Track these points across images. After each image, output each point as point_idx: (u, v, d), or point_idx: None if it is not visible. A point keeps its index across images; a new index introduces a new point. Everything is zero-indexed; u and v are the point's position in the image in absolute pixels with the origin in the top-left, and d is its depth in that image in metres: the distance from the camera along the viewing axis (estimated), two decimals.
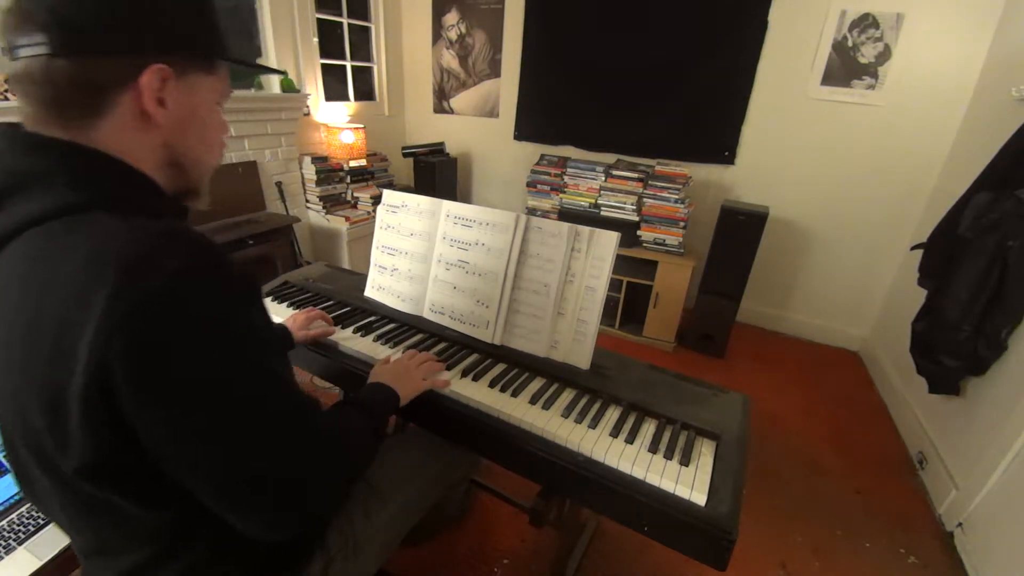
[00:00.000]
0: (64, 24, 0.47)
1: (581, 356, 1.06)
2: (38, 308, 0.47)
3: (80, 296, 0.45)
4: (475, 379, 1.01)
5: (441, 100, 3.67)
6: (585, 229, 1.04)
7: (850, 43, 2.40)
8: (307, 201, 3.09)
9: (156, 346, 0.45)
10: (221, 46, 0.59)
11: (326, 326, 1.14)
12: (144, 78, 0.51)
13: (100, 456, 0.48)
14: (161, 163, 0.57)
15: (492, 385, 0.99)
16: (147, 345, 0.45)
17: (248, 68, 0.74)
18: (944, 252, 1.77)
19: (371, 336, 1.14)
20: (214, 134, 0.63)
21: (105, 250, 0.46)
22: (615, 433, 0.89)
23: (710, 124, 2.81)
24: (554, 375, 1.04)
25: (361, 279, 1.36)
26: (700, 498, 0.76)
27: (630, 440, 0.87)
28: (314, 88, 3.02)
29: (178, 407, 0.48)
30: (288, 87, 2.77)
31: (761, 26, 2.55)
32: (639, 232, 2.70)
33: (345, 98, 3.36)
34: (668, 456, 0.84)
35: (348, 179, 3.16)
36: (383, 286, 1.28)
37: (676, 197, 2.60)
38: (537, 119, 3.32)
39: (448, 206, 1.17)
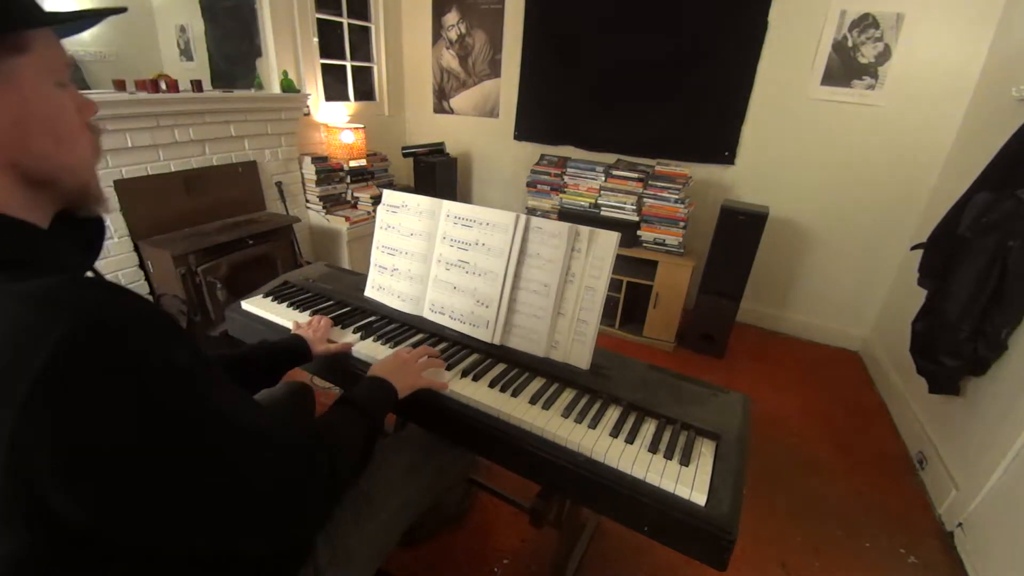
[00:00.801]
0: None
1: (581, 356, 1.06)
2: None
3: None
4: (475, 379, 1.01)
5: (441, 100, 3.67)
6: (585, 229, 1.04)
7: (850, 43, 2.40)
8: (307, 201, 3.09)
9: (68, 418, 0.39)
10: (24, 13, 0.44)
11: (346, 338, 1.12)
12: None
13: (27, 546, 0.43)
14: (16, 188, 0.45)
15: (492, 385, 0.99)
16: (57, 420, 0.39)
17: (68, 23, 0.51)
18: (944, 252, 1.77)
19: (371, 336, 1.14)
20: (68, 124, 0.49)
21: None
22: (615, 433, 0.89)
23: (710, 124, 2.81)
24: (554, 375, 1.04)
25: (361, 279, 1.36)
26: (700, 498, 0.76)
27: (630, 440, 0.87)
28: (314, 88, 3.02)
29: (112, 468, 0.42)
30: (288, 87, 2.77)
31: (761, 26, 2.55)
32: (639, 232, 2.70)
33: (345, 98, 3.36)
34: (668, 456, 0.84)
35: (348, 179, 3.16)
36: (383, 286, 1.28)
37: (676, 197, 2.60)
38: (537, 119, 3.32)
39: (448, 206, 1.17)
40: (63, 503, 0.41)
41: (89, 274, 0.57)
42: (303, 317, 1.22)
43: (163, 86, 2.16)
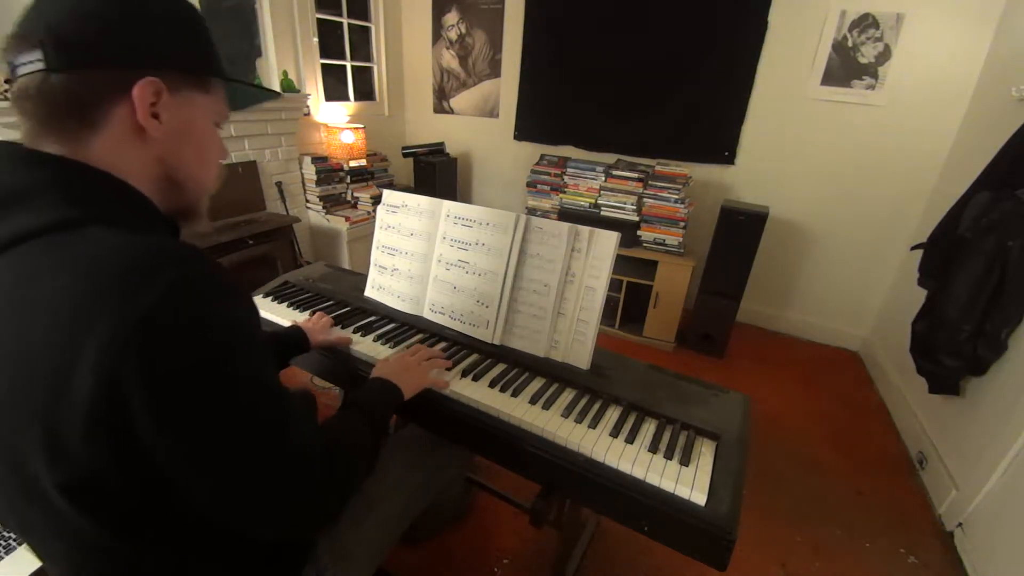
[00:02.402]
0: (58, 40, 0.49)
1: (581, 356, 1.06)
2: (29, 326, 0.46)
3: (76, 315, 0.44)
4: (475, 379, 1.01)
5: (441, 100, 3.67)
6: (585, 229, 1.04)
7: (850, 43, 2.40)
8: (307, 201, 3.09)
9: (166, 358, 0.45)
10: (215, 65, 0.60)
11: (364, 348, 1.12)
12: (136, 90, 0.52)
13: (95, 473, 0.47)
14: (156, 179, 0.57)
15: (492, 385, 0.99)
16: (157, 359, 0.45)
17: (242, 86, 0.71)
18: (944, 252, 1.77)
19: (371, 336, 1.14)
20: (211, 155, 0.64)
21: (101, 265, 0.46)
22: (615, 433, 0.89)
23: (710, 124, 2.81)
24: (554, 375, 1.04)
25: (361, 279, 1.36)
26: (700, 498, 0.76)
27: (630, 440, 0.87)
28: (314, 88, 3.02)
29: (196, 412, 0.48)
30: (288, 87, 2.77)
31: (761, 26, 2.55)
32: (639, 232, 2.70)
33: (345, 98, 3.36)
34: (668, 456, 0.84)
35: (348, 179, 3.16)
36: (383, 286, 1.28)
37: (676, 197, 2.60)
38: (537, 119, 3.32)
39: (448, 206, 1.17)
40: (148, 433, 0.46)
41: None
42: (303, 317, 1.22)
43: None
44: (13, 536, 0.98)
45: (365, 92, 3.55)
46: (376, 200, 3.12)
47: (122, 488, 0.49)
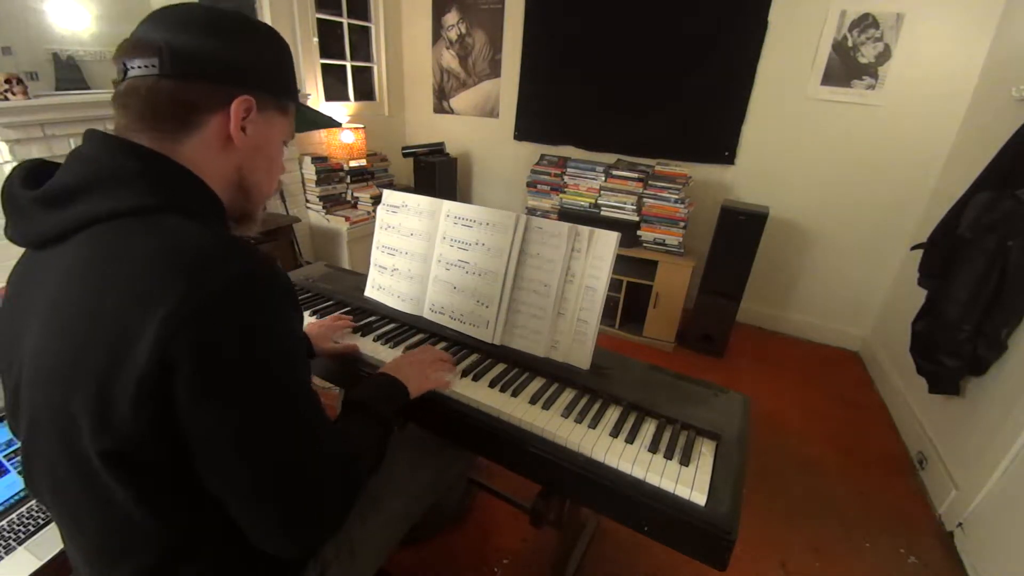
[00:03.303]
0: (176, 52, 0.56)
1: (581, 356, 1.06)
2: (101, 295, 0.50)
3: (147, 289, 0.48)
4: (475, 379, 1.01)
5: (441, 100, 3.67)
6: (585, 229, 1.04)
7: (850, 43, 2.40)
8: (307, 201, 3.09)
9: (219, 342, 0.48)
10: (295, 92, 0.70)
11: (350, 339, 1.12)
12: (234, 105, 0.59)
13: (134, 442, 0.50)
14: (231, 184, 0.64)
15: (492, 385, 0.99)
16: (211, 340, 0.48)
17: (310, 114, 0.84)
18: (944, 252, 1.77)
19: (371, 336, 1.14)
20: (276, 168, 0.71)
21: (175, 248, 0.51)
22: (615, 433, 0.89)
23: (710, 124, 2.81)
24: (554, 375, 1.04)
25: (361, 279, 1.36)
26: (700, 498, 0.76)
27: (630, 440, 0.87)
28: (314, 88, 3.02)
29: (230, 398, 0.50)
30: None
31: (761, 26, 2.55)
32: (639, 232, 2.70)
33: (345, 98, 3.36)
34: (668, 456, 0.84)
35: (348, 179, 3.16)
36: (383, 286, 1.28)
37: (676, 197, 2.60)
38: (537, 119, 3.32)
39: (448, 206, 1.17)
40: (185, 396, 0.48)
41: None
42: (304, 317, 1.22)
43: None
44: (13, 536, 0.98)
45: (365, 92, 3.55)
46: (376, 200, 3.12)
47: (156, 461, 0.52)
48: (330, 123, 0.93)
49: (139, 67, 0.55)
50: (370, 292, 1.30)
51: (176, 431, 0.50)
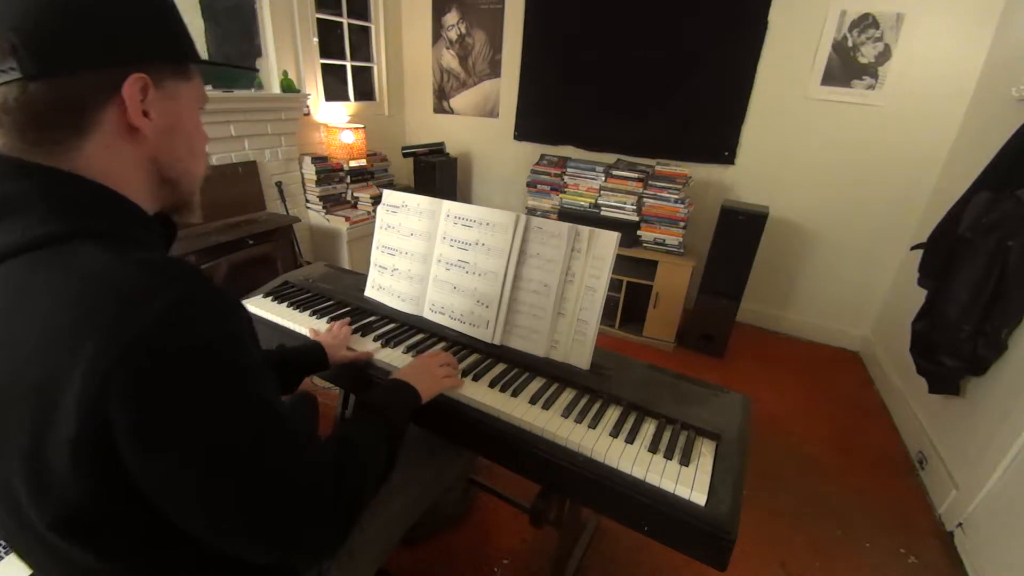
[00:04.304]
0: (30, 44, 0.44)
1: (581, 356, 1.06)
2: (17, 349, 0.44)
3: (67, 335, 0.43)
4: (475, 379, 1.01)
5: (441, 100, 3.67)
6: (585, 229, 1.04)
7: (850, 43, 2.40)
8: (307, 201, 3.09)
9: (156, 386, 0.43)
10: (192, 50, 0.57)
11: (359, 345, 1.11)
12: (125, 88, 0.49)
13: (81, 507, 0.45)
14: (151, 179, 0.56)
15: (492, 385, 0.99)
16: (146, 387, 0.43)
17: (220, 68, 0.75)
18: (944, 252, 1.77)
19: (371, 336, 1.14)
20: (199, 143, 0.61)
21: (91, 285, 0.44)
22: (615, 433, 0.89)
23: (710, 124, 2.81)
24: (554, 375, 1.04)
25: (361, 279, 1.36)
26: (700, 498, 0.76)
27: (630, 440, 0.87)
28: (314, 88, 3.02)
29: (182, 441, 0.45)
30: (288, 87, 2.77)
31: (761, 26, 2.55)
32: (639, 232, 2.70)
33: (345, 98, 3.36)
34: (668, 456, 0.84)
35: (348, 179, 3.16)
36: (383, 286, 1.28)
37: (676, 197, 2.60)
38: (537, 119, 3.32)
39: (448, 206, 1.17)
40: (130, 449, 0.43)
41: None
42: (304, 317, 1.22)
43: None
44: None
45: (365, 92, 3.55)
46: (376, 200, 3.12)
47: (114, 514, 0.47)
48: (243, 71, 0.78)
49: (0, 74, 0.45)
50: (370, 292, 1.30)
51: (130, 484, 0.45)
